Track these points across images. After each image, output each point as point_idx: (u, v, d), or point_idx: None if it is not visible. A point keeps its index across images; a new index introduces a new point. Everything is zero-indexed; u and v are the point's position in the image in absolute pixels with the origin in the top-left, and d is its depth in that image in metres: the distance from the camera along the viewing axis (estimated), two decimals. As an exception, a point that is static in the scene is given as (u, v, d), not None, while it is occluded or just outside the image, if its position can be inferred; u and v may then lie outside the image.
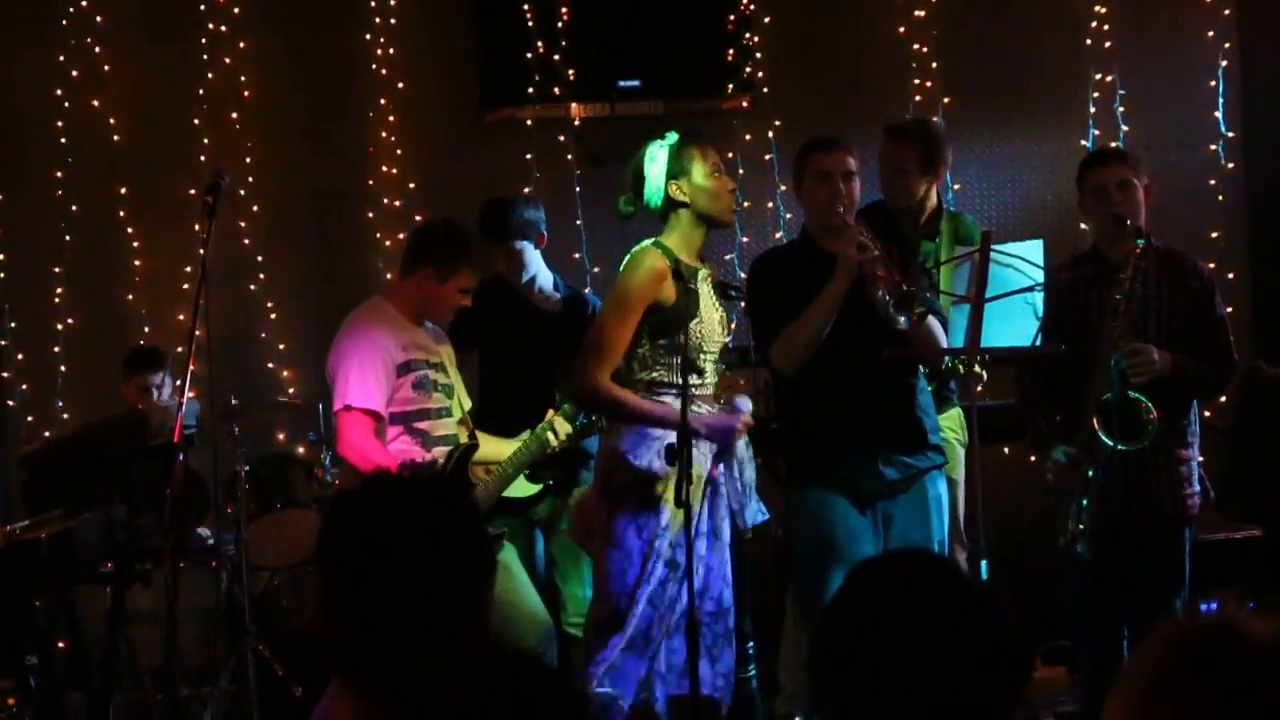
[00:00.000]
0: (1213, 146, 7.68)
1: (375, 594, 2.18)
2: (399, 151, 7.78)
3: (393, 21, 7.79)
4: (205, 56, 7.73)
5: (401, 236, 7.66)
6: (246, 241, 7.70)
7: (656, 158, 4.87)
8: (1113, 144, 7.31)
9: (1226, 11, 7.75)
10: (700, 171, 4.87)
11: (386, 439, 5.15)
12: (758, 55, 7.68)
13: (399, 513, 2.25)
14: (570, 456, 5.68)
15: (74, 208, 7.66)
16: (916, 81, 7.71)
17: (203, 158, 7.60)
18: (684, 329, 4.76)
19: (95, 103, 7.71)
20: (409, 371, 5.18)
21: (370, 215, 7.76)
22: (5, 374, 7.68)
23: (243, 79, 7.76)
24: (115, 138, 7.71)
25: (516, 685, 1.79)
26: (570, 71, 7.52)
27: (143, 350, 7.10)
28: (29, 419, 7.62)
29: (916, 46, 7.72)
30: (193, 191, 7.15)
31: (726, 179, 4.94)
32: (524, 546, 5.81)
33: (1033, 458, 5.36)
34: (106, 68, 7.72)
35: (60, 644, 6.01)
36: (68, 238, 7.64)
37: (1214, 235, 7.53)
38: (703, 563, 4.80)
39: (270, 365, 7.72)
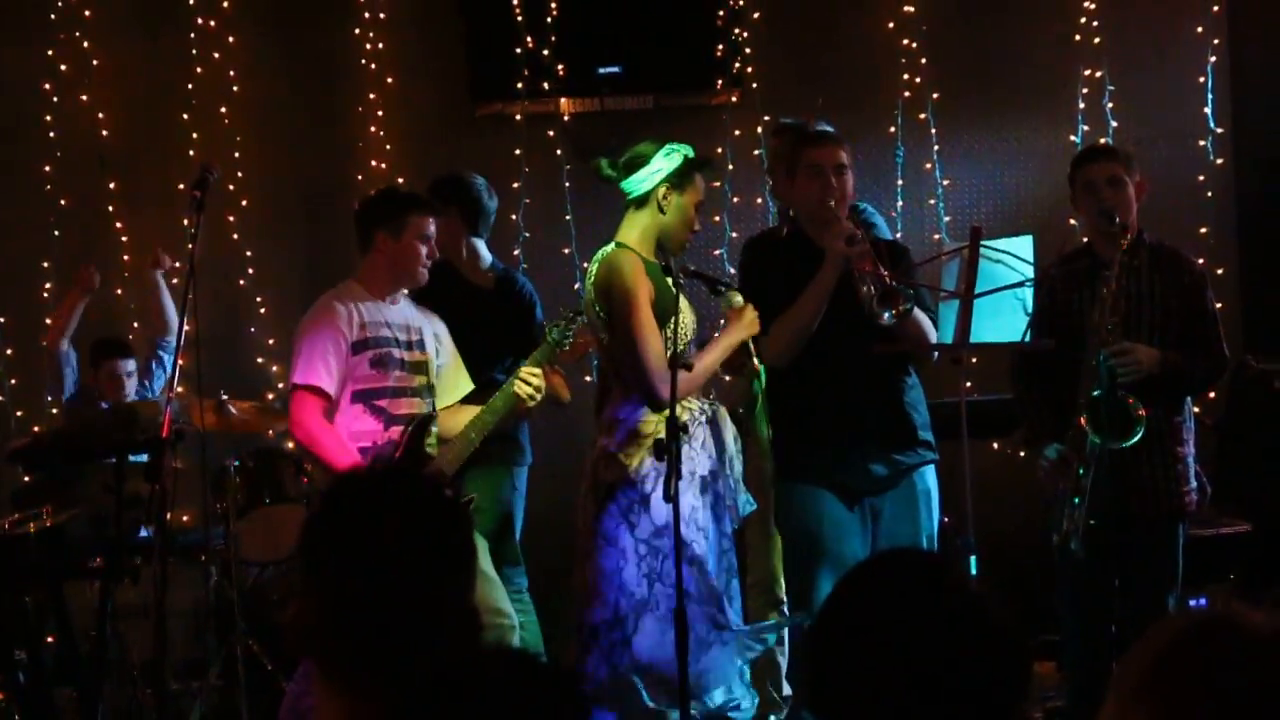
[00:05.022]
0: (1202, 142, 7.69)
1: (358, 590, 2.18)
2: (388, 146, 7.77)
3: (382, 16, 7.78)
4: (194, 51, 7.72)
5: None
6: (235, 237, 7.69)
7: (673, 156, 4.95)
8: (1102, 140, 7.32)
9: (1215, 8, 7.76)
10: (691, 199, 5.00)
11: (335, 417, 5.11)
12: (747, 50, 7.68)
13: (380, 508, 2.24)
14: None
15: (62, 202, 7.65)
16: (905, 77, 7.71)
17: (191, 153, 7.60)
18: (674, 321, 4.80)
19: (84, 97, 7.69)
20: (366, 349, 5.13)
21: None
22: (-6, 369, 7.68)
23: (232, 74, 7.75)
24: (104, 133, 7.70)
25: (517, 683, 1.78)
26: (559, 67, 7.53)
27: (109, 340, 7.12)
28: (18, 414, 7.61)
29: (906, 42, 7.72)
30: (181, 187, 7.12)
31: (698, 223, 5.10)
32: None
33: (1023, 453, 5.36)
34: (95, 62, 7.71)
35: (49, 639, 6.01)
36: (56, 233, 7.63)
37: (1203, 231, 7.53)
38: (710, 554, 4.84)
39: (259, 360, 7.71)
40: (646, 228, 4.99)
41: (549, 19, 7.53)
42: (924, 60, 7.71)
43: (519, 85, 7.57)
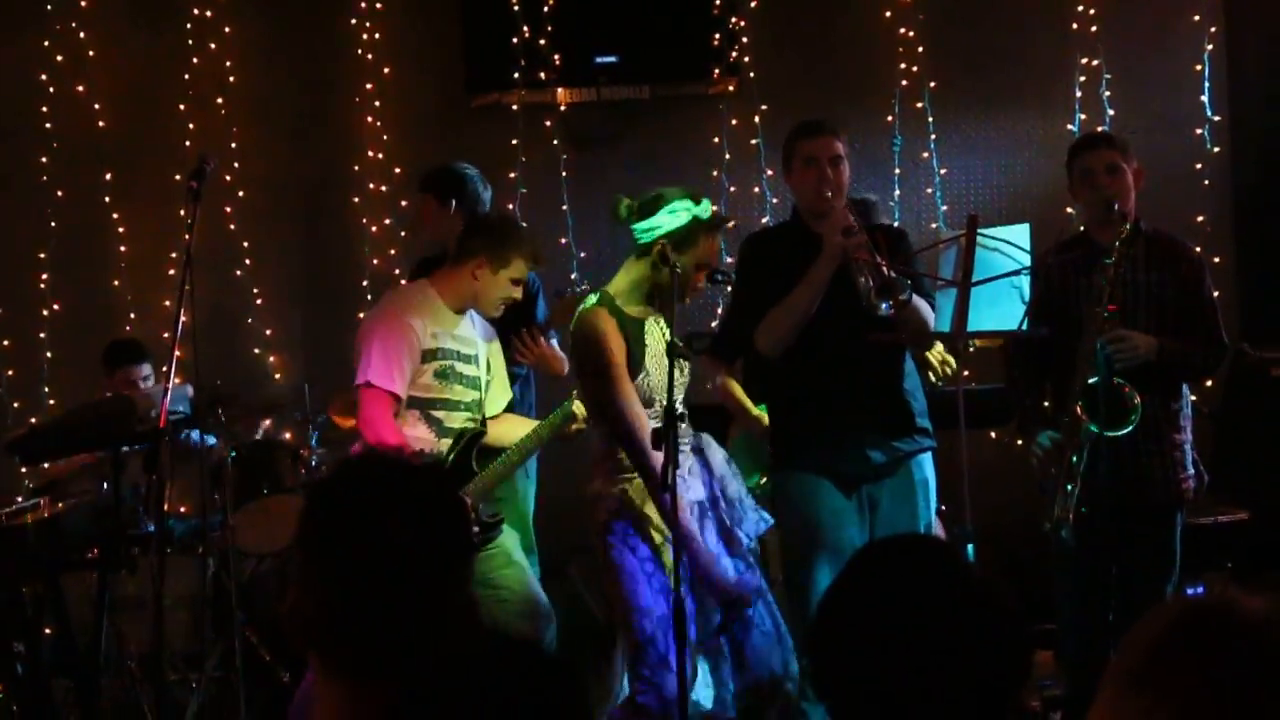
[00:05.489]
0: (1199, 130, 7.68)
1: (351, 576, 2.18)
2: (384, 137, 7.77)
3: (378, 6, 7.77)
4: (191, 42, 7.72)
5: (388, 222, 7.68)
6: (232, 227, 7.69)
7: (679, 214, 4.79)
8: (1099, 128, 7.32)
9: (1212, -5, 7.76)
10: (694, 259, 4.81)
11: (404, 421, 5.16)
12: (743, 40, 7.68)
13: (374, 495, 2.24)
14: None
15: (59, 193, 7.64)
16: (903, 66, 7.71)
17: (188, 143, 7.59)
18: (674, 298, 4.77)
19: (80, 88, 7.69)
20: (434, 360, 5.18)
21: (356, 200, 7.75)
22: (-9, 360, 7.67)
23: (228, 64, 7.75)
24: (100, 123, 7.70)
25: (514, 671, 1.78)
26: (556, 56, 7.52)
27: (124, 343, 7.03)
28: (15, 405, 7.61)
29: (903, 31, 7.71)
30: (178, 177, 7.12)
31: (703, 280, 4.92)
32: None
33: (1019, 442, 5.36)
34: (91, 53, 7.71)
35: (47, 631, 6.00)
36: (53, 224, 7.62)
37: (1200, 219, 7.52)
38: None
39: (256, 351, 7.71)
40: (639, 280, 4.87)
41: (545, 8, 7.52)
42: (921, 49, 7.70)
43: (515, 75, 7.56)
